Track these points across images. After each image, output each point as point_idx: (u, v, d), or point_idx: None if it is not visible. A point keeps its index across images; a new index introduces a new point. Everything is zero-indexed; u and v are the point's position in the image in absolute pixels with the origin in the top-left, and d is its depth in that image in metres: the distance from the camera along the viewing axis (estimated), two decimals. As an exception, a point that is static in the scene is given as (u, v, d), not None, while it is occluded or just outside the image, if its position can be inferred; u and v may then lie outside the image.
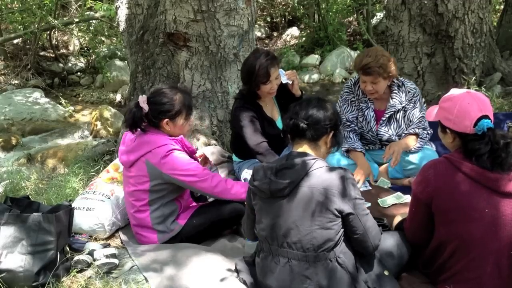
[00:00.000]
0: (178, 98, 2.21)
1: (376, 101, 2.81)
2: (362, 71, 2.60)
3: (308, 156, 1.74)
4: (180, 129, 2.26)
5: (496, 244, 1.64)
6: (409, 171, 2.75)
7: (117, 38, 8.27)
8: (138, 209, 2.24)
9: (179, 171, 2.15)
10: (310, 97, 1.87)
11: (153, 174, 2.16)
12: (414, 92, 2.76)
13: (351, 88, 2.86)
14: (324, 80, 7.38)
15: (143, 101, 2.18)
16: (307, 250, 1.67)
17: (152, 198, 2.21)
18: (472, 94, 1.74)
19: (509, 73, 4.59)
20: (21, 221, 1.97)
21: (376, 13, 8.72)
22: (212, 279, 1.92)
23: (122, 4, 3.92)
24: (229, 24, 3.37)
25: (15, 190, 3.28)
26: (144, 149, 2.18)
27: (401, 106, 2.74)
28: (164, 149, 2.16)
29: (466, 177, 1.65)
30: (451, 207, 1.68)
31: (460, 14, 4.15)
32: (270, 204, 1.75)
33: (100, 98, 7.46)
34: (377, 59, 2.56)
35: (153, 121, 2.21)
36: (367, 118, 2.79)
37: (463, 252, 1.69)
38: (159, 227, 2.24)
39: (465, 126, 1.68)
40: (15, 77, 7.70)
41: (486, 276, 1.66)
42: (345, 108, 2.86)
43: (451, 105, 1.73)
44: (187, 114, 2.24)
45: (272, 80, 2.58)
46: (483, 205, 1.64)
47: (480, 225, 1.65)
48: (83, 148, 4.23)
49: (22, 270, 1.90)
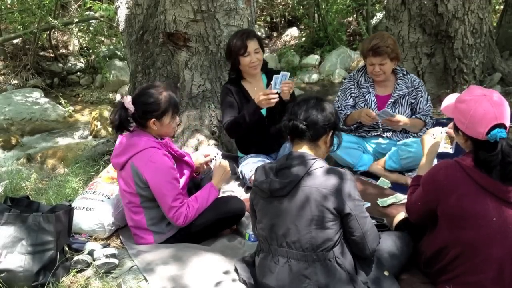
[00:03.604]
0: (163, 97, 2.17)
1: (378, 87, 2.93)
2: (372, 51, 2.73)
3: (307, 156, 1.74)
4: (168, 128, 2.23)
5: (500, 251, 1.64)
6: (405, 161, 2.78)
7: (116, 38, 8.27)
8: (132, 211, 2.24)
9: (156, 181, 2.12)
10: (309, 97, 1.87)
11: (136, 176, 2.15)
12: (419, 81, 2.94)
13: (352, 78, 3.00)
14: (324, 80, 7.37)
15: (128, 101, 2.14)
16: (306, 250, 1.67)
17: (143, 200, 2.20)
18: (489, 99, 1.65)
19: (509, 73, 4.60)
20: (21, 221, 1.97)
21: (375, 13, 8.72)
22: (212, 278, 1.92)
23: (121, 4, 3.91)
24: (229, 24, 3.37)
25: (14, 190, 3.27)
26: (130, 151, 2.17)
27: (407, 91, 2.87)
28: (149, 153, 2.14)
29: (476, 185, 1.63)
30: (459, 213, 1.67)
31: (460, 14, 4.15)
32: (270, 204, 1.75)
33: (100, 98, 7.45)
34: (385, 40, 2.73)
35: (139, 122, 2.19)
36: (368, 102, 2.89)
37: (467, 257, 1.68)
38: (154, 228, 2.24)
39: (478, 132, 1.64)
40: (14, 77, 7.69)
41: (488, 281, 1.65)
42: (342, 97, 2.99)
43: (466, 109, 1.68)
44: (173, 112, 2.21)
45: (250, 52, 2.65)
46: (491, 214, 1.63)
47: (486, 233, 1.63)
48: (83, 148, 4.24)
49: (22, 270, 1.90)
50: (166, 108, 2.17)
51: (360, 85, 2.93)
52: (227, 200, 2.39)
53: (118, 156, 2.22)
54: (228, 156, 3.14)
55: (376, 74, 2.81)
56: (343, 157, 2.88)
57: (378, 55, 2.73)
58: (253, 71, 2.72)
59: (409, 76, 2.91)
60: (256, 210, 1.83)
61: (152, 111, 2.15)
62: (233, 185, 2.91)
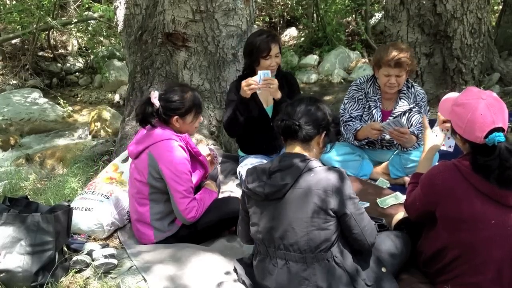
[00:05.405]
0: (188, 96, 2.27)
1: (384, 101, 2.82)
2: (394, 63, 2.59)
3: (301, 157, 1.73)
4: (189, 126, 2.32)
5: (499, 252, 1.64)
6: (409, 169, 2.76)
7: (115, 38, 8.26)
8: (139, 202, 2.26)
9: (171, 172, 2.16)
10: (302, 97, 1.86)
11: (152, 165, 2.19)
12: (423, 97, 2.80)
13: (360, 86, 2.86)
14: (322, 81, 7.37)
15: (154, 97, 2.22)
16: (304, 251, 1.67)
17: (152, 191, 2.23)
18: (487, 102, 1.63)
19: (508, 73, 4.60)
20: (19, 221, 1.97)
21: (374, 13, 8.72)
22: (211, 279, 1.92)
23: (120, 4, 3.91)
24: (227, 24, 3.37)
25: (13, 190, 3.27)
26: (149, 141, 2.23)
27: (408, 108, 2.77)
28: (167, 143, 2.20)
29: (474, 188, 1.63)
30: (457, 216, 1.67)
31: (458, 14, 4.16)
32: (265, 207, 1.74)
33: (99, 98, 7.44)
34: (406, 52, 2.63)
35: (163, 117, 2.26)
36: (374, 118, 2.79)
37: (466, 258, 1.68)
38: (156, 224, 2.25)
39: (475, 137, 1.62)
40: (13, 77, 7.67)
41: (486, 282, 1.66)
42: (351, 106, 2.85)
43: (463, 113, 1.66)
44: (196, 112, 2.30)
45: (272, 56, 2.64)
46: (489, 217, 1.62)
47: (485, 235, 1.63)
48: (82, 149, 4.23)
49: (21, 271, 1.90)
50: (190, 107, 2.26)
51: (368, 97, 2.81)
52: (229, 200, 2.42)
53: (135, 144, 2.29)
54: (227, 156, 3.15)
55: (391, 86, 2.67)
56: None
57: (399, 67, 2.60)
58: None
59: (413, 89, 2.79)
60: (250, 213, 1.82)
61: (176, 109, 2.24)
62: (231, 186, 2.91)
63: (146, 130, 2.29)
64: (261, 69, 2.62)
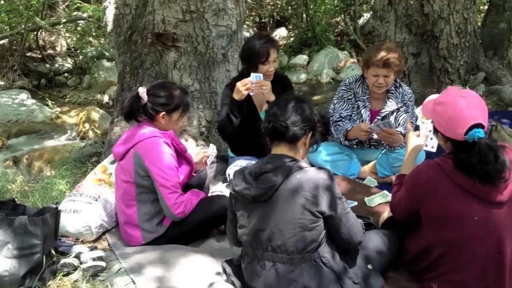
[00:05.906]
0: (177, 94, 2.27)
1: (373, 101, 2.85)
2: (383, 63, 2.62)
3: (287, 158, 1.72)
4: (175, 124, 2.31)
5: (484, 249, 1.66)
6: (397, 168, 2.79)
7: (105, 38, 8.20)
8: (126, 203, 2.25)
9: (157, 168, 2.16)
10: (288, 97, 1.84)
11: (137, 164, 2.19)
12: (410, 97, 2.83)
13: (349, 86, 2.89)
14: (312, 80, 7.41)
15: (142, 92, 2.22)
16: (291, 253, 1.68)
17: (139, 191, 2.22)
18: (466, 99, 1.67)
19: (493, 72, 4.68)
20: (6, 224, 1.95)
21: (363, 14, 8.78)
22: (201, 280, 1.92)
23: (110, 4, 3.89)
24: (217, 24, 3.37)
25: (0, 193, 3.23)
26: (134, 140, 2.22)
27: (396, 108, 2.80)
28: (152, 141, 2.19)
29: (457, 186, 1.65)
30: (441, 214, 1.69)
31: (445, 14, 4.21)
32: (252, 209, 1.74)
33: (88, 99, 7.38)
34: (395, 52, 2.65)
35: (149, 113, 2.24)
36: (363, 118, 2.81)
37: (451, 256, 1.71)
38: (144, 225, 2.24)
39: (456, 133, 1.65)
40: (1, 78, 7.57)
41: (472, 279, 1.68)
42: (340, 106, 2.88)
43: (443, 110, 1.69)
44: (183, 110, 2.30)
45: (270, 61, 2.62)
46: (473, 214, 1.65)
47: (469, 232, 1.66)
48: (70, 150, 4.19)
49: (8, 274, 1.88)
50: (177, 104, 2.26)
51: (357, 97, 2.84)
52: (218, 198, 2.41)
53: (120, 145, 2.28)
54: (218, 157, 3.15)
55: (379, 86, 2.70)
56: (332, 171, 2.85)
57: (387, 67, 2.64)
58: (267, 79, 2.67)
59: (401, 89, 2.82)
60: (238, 215, 1.82)
61: (164, 104, 2.23)
62: (221, 186, 2.91)
63: (131, 131, 2.28)
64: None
